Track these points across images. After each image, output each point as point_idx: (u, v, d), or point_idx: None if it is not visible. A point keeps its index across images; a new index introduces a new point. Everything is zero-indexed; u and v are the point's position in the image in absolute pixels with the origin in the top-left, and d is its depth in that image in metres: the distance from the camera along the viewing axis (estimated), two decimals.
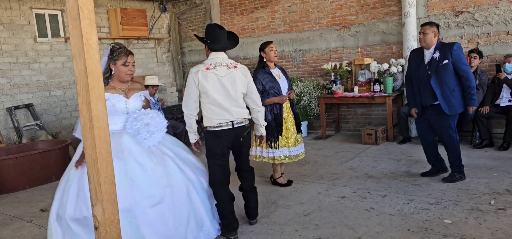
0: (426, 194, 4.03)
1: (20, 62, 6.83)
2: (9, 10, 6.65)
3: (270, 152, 4.38)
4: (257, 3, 8.24)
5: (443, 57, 4.10)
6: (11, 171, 5.31)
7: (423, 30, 4.19)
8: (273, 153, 4.38)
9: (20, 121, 6.71)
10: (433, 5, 6.39)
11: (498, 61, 5.89)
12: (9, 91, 6.71)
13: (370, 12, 7.00)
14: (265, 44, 4.42)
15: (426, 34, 4.15)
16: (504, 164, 4.83)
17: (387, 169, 4.98)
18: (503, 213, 3.44)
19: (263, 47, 4.43)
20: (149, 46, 8.88)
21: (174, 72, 9.47)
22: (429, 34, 4.14)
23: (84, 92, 1.73)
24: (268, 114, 4.25)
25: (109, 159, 1.82)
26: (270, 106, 4.30)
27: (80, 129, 3.02)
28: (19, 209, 4.64)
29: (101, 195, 1.82)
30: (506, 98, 5.64)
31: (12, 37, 6.71)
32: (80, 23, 1.66)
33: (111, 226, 1.86)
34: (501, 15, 5.89)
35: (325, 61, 7.48)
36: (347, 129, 7.57)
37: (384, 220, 3.50)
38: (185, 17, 9.39)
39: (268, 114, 4.26)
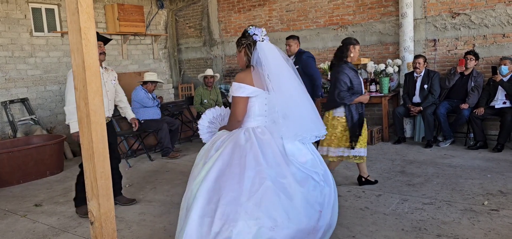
0: (420, 194, 4.05)
1: (16, 57, 6.79)
2: (5, 3, 6.60)
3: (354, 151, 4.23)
4: (254, 1, 8.24)
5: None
6: (5, 166, 5.28)
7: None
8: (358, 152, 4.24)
9: (15, 115, 6.68)
10: (430, 6, 6.42)
11: (494, 63, 5.93)
12: (4, 86, 6.67)
13: (367, 12, 7.02)
14: (355, 41, 4.22)
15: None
16: (498, 166, 4.87)
17: (381, 169, 5.00)
18: (496, 214, 3.47)
19: (353, 42, 4.18)
20: (146, 43, 8.86)
21: (171, 69, 9.45)
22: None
23: (82, 87, 1.73)
24: (355, 113, 4.14)
25: (105, 154, 1.82)
26: (356, 105, 4.16)
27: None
28: (13, 203, 4.62)
29: (97, 190, 1.81)
30: (501, 101, 5.68)
31: (8, 31, 6.67)
32: (78, 17, 1.66)
33: (106, 221, 1.86)
34: (497, 18, 5.93)
35: (322, 61, 7.49)
36: None
37: (378, 219, 3.52)
38: (182, 14, 9.37)
39: (355, 113, 4.14)
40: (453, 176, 4.57)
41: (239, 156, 2.37)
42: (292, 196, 2.29)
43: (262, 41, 2.55)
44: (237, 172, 2.31)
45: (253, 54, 2.54)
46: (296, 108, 2.49)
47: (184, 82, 9.53)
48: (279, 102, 2.47)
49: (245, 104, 2.52)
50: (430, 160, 5.29)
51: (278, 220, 2.19)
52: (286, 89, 2.48)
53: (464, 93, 5.96)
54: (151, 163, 6.15)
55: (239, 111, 2.52)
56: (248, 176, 2.28)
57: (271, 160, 2.36)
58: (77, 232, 3.69)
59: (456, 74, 5.97)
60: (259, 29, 2.58)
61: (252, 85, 2.50)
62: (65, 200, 4.58)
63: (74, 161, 6.48)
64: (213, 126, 2.89)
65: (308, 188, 2.36)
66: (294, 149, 2.46)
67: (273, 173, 2.32)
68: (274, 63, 2.49)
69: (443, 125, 5.95)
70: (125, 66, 8.39)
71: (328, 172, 2.59)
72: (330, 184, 2.54)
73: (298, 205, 2.28)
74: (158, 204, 4.26)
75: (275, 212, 2.20)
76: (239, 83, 2.50)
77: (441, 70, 6.42)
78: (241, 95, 2.50)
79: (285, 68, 2.54)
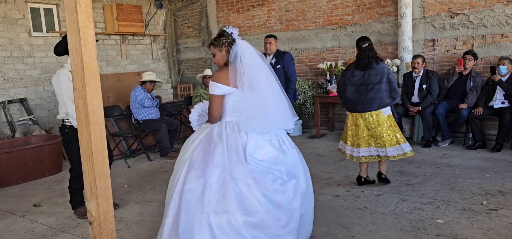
0: (419, 194, 4.06)
1: (14, 57, 6.78)
2: (4, 3, 6.59)
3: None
4: (253, 1, 8.24)
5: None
6: (4, 166, 5.27)
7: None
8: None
9: (13, 116, 6.66)
10: (428, 6, 6.42)
11: (493, 63, 5.94)
12: (3, 86, 6.66)
13: (366, 12, 7.03)
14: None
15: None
16: (496, 165, 4.88)
17: None
18: (495, 214, 3.48)
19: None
20: (144, 43, 8.85)
21: (169, 69, 9.44)
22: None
23: (80, 87, 1.73)
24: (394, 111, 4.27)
25: (104, 154, 1.82)
26: None
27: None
28: (11, 203, 4.61)
29: (96, 190, 1.81)
30: (500, 100, 5.69)
31: (7, 31, 6.66)
32: (77, 17, 1.65)
33: (105, 221, 1.86)
34: (496, 18, 5.94)
35: (321, 61, 7.50)
36: (341, 128, 7.59)
37: (377, 219, 3.53)
38: (181, 14, 9.36)
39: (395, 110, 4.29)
40: (452, 175, 4.58)
41: (208, 151, 2.60)
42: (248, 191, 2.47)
43: (239, 39, 2.75)
44: (203, 167, 2.53)
45: (232, 50, 2.71)
46: (267, 105, 2.67)
47: (183, 82, 9.52)
48: (251, 100, 2.64)
49: (220, 102, 2.71)
50: (429, 159, 5.30)
51: (236, 213, 2.40)
52: (260, 85, 2.65)
53: (462, 93, 5.97)
54: (150, 163, 6.14)
55: (214, 108, 2.72)
56: (215, 172, 2.49)
57: (234, 157, 2.55)
58: (76, 232, 3.69)
59: (454, 74, 5.97)
60: (235, 29, 2.77)
61: (228, 85, 2.67)
62: (63, 200, 4.57)
63: None
64: (202, 119, 3.07)
65: (264, 183, 2.53)
66: (255, 147, 2.62)
67: (234, 169, 2.51)
68: (251, 59, 2.68)
69: (442, 124, 5.96)
70: (124, 66, 8.38)
71: (298, 166, 2.74)
72: (299, 176, 2.69)
73: (254, 200, 2.45)
74: (157, 204, 4.25)
75: (233, 206, 2.41)
76: (215, 83, 2.68)
77: (440, 70, 6.42)
78: (216, 93, 2.68)
79: (261, 64, 2.72)
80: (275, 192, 2.54)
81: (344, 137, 4.37)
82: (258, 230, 2.42)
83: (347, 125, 4.31)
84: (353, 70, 4.19)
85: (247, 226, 2.40)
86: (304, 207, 2.70)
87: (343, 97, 4.26)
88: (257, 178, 2.51)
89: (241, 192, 2.45)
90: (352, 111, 4.22)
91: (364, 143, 4.16)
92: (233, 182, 2.46)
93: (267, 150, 2.62)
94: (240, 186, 2.46)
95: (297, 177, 2.67)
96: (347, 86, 4.19)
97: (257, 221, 2.42)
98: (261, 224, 2.43)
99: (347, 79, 4.20)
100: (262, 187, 2.50)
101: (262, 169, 2.56)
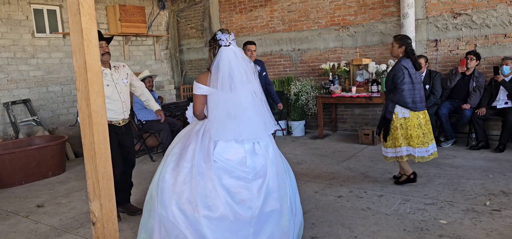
0: (422, 194, 4.05)
1: (18, 58, 6.81)
2: (7, 4, 6.62)
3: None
4: (256, 2, 8.24)
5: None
6: (7, 166, 5.29)
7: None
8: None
9: (17, 116, 6.69)
10: (431, 7, 6.41)
11: (496, 63, 5.92)
12: (6, 87, 6.69)
13: (369, 13, 7.02)
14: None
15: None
16: (499, 166, 4.86)
17: (383, 169, 5.00)
18: (498, 214, 3.47)
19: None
20: (147, 43, 8.87)
21: (172, 70, 9.46)
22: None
23: (84, 87, 1.74)
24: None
25: (107, 155, 1.83)
26: None
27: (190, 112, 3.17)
28: (15, 204, 4.63)
29: (99, 191, 1.82)
30: (503, 101, 5.67)
31: (10, 32, 6.69)
32: (80, 18, 1.66)
33: (108, 222, 1.87)
34: (499, 18, 5.92)
35: (324, 61, 7.50)
36: (344, 128, 7.59)
37: (380, 219, 3.52)
38: (184, 15, 9.38)
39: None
40: (455, 176, 4.56)
41: (185, 146, 2.85)
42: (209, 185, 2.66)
43: (228, 46, 2.87)
44: (176, 161, 2.80)
45: (215, 58, 2.85)
46: (243, 112, 2.80)
47: (185, 83, 9.53)
48: (224, 102, 2.80)
49: (202, 101, 2.89)
50: (432, 160, 5.27)
51: (198, 203, 2.62)
52: (235, 94, 2.79)
53: (466, 93, 5.95)
54: (152, 163, 6.15)
55: (196, 106, 2.92)
56: (186, 166, 2.73)
57: (204, 154, 2.75)
58: (79, 232, 3.70)
59: (457, 75, 5.96)
60: (226, 35, 2.89)
61: (206, 85, 2.85)
62: (67, 201, 4.59)
63: (76, 162, 6.50)
64: None
65: (229, 181, 2.70)
66: (225, 146, 2.77)
67: (201, 165, 2.72)
68: (229, 69, 2.80)
69: (445, 125, 5.94)
70: None
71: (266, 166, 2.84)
72: (265, 176, 2.81)
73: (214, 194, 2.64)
74: None
75: (194, 197, 2.63)
76: (197, 83, 2.88)
77: (442, 70, 6.41)
78: (198, 93, 2.88)
79: (238, 74, 2.81)
80: (239, 187, 2.70)
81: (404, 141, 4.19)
82: (218, 223, 2.61)
83: (404, 128, 4.16)
84: (411, 67, 4.15)
85: (207, 219, 2.60)
86: (272, 205, 2.80)
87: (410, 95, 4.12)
88: (220, 175, 2.69)
89: (205, 187, 2.65)
90: (415, 111, 4.14)
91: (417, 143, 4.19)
92: (199, 177, 2.67)
93: (235, 151, 2.78)
94: (205, 181, 2.66)
95: (263, 176, 2.80)
96: (413, 84, 4.13)
97: (217, 215, 2.62)
98: (221, 218, 2.62)
99: (410, 76, 4.11)
100: (226, 184, 2.68)
101: (227, 168, 2.73)
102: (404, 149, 4.19)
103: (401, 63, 4.13)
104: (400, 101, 4.12)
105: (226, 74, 2.78)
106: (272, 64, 8.25)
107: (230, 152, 2.76)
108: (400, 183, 4.39)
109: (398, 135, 4.17)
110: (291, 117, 7.65)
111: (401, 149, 4.19)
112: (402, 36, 4.27)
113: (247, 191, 2.71)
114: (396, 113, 4.17)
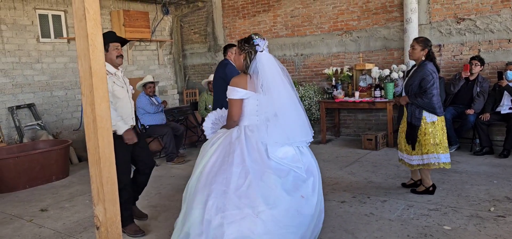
0: (426, 200, 4.03)
1: (23, 62, 6.86)
2: (13, 10, 6.68)
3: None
4: (259, 7, 8.27)
5: None
6: (12, 170, 5.32)
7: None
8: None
9: (21, 121, 6.73)
10: (435, 12, 6.41)
11: (500, 68, 5.91)
12: (11, 91, 6.73)
13: (372, 18, 7.03)
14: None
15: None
16: (504, 171, 4.84)
17: (386, 174, 4.99)
18: (502, 220, 3.45)
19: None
20: (151, 48, 8.91)
21: (176, 75, 9.49)
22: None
23: (88, 92, 1.75)
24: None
25: (111, 160, 1.83)
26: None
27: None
28: (19, 208, 4.65)
29: (103, 195, 1.82)
30: (507, 106, 5.65)
31: (15, 37, 6.74)
32: (85, 24, 1.67)
33: (112, 226, 1.87)
34: (503, 23, 5.91)
35: (327, 66, 7.50)
36: (347, 133, 7.58)
37: (383, 225, 3.51)
38: (187, 20, 9.42)
39: None
40: (459, 182, 4.55)
41: (229, 153, 2.71)
42: (271, 185, 2.60)
43: (262, 52, 2.80)
44: (225, 169, 2.66)
45: (252, 63, 2.79)
46: (285, 113, 2.76)
47: (189, 87, 9.56)
48: (270, 104, 2.75)
49: (240, 106, 2.80)
50: None
51: (260, 207, 2.52)
52: (278, 96, 2.75)
53: (469, 98, 5.94)
54: (156, 168, 6.15)
55: (234, 112, 2.81)
56: (235, 172, 2.61)
57: (255, 156, 2.67)
58: (82, 237, 3.71)
59: (460, 80, 5.94)
60: (262, 41, 2.82)
61: (245, 89, 2.77)
62: (70, 205, 4.60)
63: (79, 166, 6.52)
64: (216, 126, 3.16)
65: (287, 178, 2.67)
66: (274, 148, 2.75)
67: (256, 166, 2.64)
68: (271, 73, 2.77)
69: (449, 130, 5.92)
70: (130, 72, 8.44)
71: (313, 164, 2.88)
72: (315, 174, 2.84)
73: (277, 193, 2.58)
74: (162, 209, 4.26)
75: (256, 201, 2.53)
76: (233, 87, 2.78)
77: (446, 75, 6.40)
78: (235, 97, 2.78)
79: (280, 79, 2.80)
80: (297, 186, 2.68)
81: (433, 147, 4.01)
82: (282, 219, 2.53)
83: (433, 133, 4.01)
84: (435, 71, 4.02)
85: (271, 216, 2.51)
86: (321, 203, 2.86)
87: (438, 100, 4.00)
88: (280, 174, 2.65)
89: (265, 186, 2.57)
90: (440, 115, 4.01)
91: (437, 150, 4.06)
92: (257, 178, 2.58)
93: (286, 149, 2.75)
94: (264, 181, 2.58)
95: (314, 175, 2.81)
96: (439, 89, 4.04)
97: (282, 211, 2.54)
98: (285, 213, 2.54)
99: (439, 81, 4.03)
100: (285, 183, 2.63)
101: (283, 166, 2.70)
102: (433, 156, 4.00)
103: (429, 67, 3.94)
104: (429, 106, 3.92)
105: (269, 78, 2.74)
106: None
107: (281, 151, 2.73)
108: (417, 192, 4.20)
109: (428, 141, 4.00)
110: None
111: (429, 156, 4.01)
112: (424, 38, 4.07)
113: (304, 189, 2.71)
114: (424, 118, 3.99)
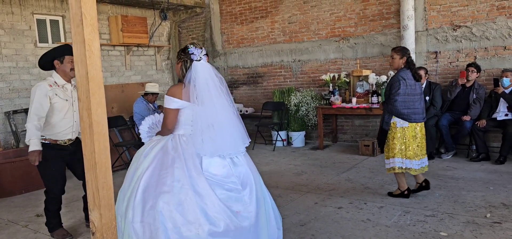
0: (423, 206, 4.04)
1: (20, 67, 6.84)
2: (11, 15, 6.68)
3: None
4: (257, 13, 8.30)
5: None
6: (8, 175, 5.29)
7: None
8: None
9: (18, 125, 6.71)
10: (431, 19, 6.45)
11: (496, 75, 5.94)
12: (8, 96, 6.71)
13: (369, 25, 7.06)
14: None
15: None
16: (500, 178, 4.85)
17: (383, 181, 4.99)
18: (498, 227, 3.45)
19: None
20: (149, 54, 8.92)
21: (173, 80, 9.49)
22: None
23: (85, 98, 1.75)
24: None
25: (107, 165, 1.83)
26: None
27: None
28: (14, 213, 4.62)
29: (98, 201, 1.82)
30: (503, 113, 5.68)
31: (13, 42, 6.74)
32: (83, 29, 1.68)
33: (108, 231, 1.87)
34: (499, 30, 5.95)
35: (324, 72, 7.52)
36: (344, 139, 7.59)
37: (380, 231, 3.51)
38: (185, 26, 9.44)
39: None
40: (455, 188, 4.56)
41: (167, 165, 2.68)
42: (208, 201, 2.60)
43: (199, 61, 2.79)
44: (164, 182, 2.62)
45: (187, 73, 2.77)
46: (218, 124, 2.74)
47: None
48: (203, 114, 2.73)
49: (175, 115, 2.79)
50: (432, 172, 5.27)
51: (201, 221, 2.53)
52: (211, 107, 2.74)
53: (466, 105, 5.96)
54: None
55: (169, 121, 2.80)
56: (175, 186, 2.59)
57: (193, 172, 2.66)
58: None
59: (457, 86, 5.97)
60: (198, 50, 2.82)
61: (181, 99, 2.76)
62: (66, 211, 4.58)
63: None
64: (152, 131, 3.19)
65: (223, 194, 2.67)
66: (209, 161, 2.73)
67: (194, 182, 2.63)
68: (205, 83, 2.75)
69: (445, 137, 5.95)
70: (128, 77, 8.44)
71: (249, 173, 2.84)
72: (251, 183, 2.81)
73: (214, 208, 2.58)
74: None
75: (196, 216, 2.54)
76: (170, 97, 2.76)
77: (442, 82, 6.43)
78: (171, 107, 2.77)
79: (214, 88, 2.78)
80: (232, 199, 2.68)
81: (399, 152, 4.14)
82: (223, 237, 2.56)
83: (401, 139, 4.12)
84: (410, 79, 4.12)
85: (212, 235, 2.52)
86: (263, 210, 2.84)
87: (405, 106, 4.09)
88: (214, 188, 2.65)
89: (205, 203, 2.57)
90: (411, 122, 4.11)
91: (416, 155, 4.19)
92: (196, 195, 2.58)
93: (219, 164, 2.75)
94: (203, 198, 2.58)
95: (250, 184, 2.80)
96: (411, 95, 4.11)
97: (221, 229, 2.56)
98: (226, 231, 2.57)
99: (407, 87, 4.09)
100: (221, 197, 2.64)
101: (217, 182, 2.70)
102: (398, 160, 4.15)
103: (400, 74, 4.13)
104: (393, 111, 4.09)
105: (204, 88, 2.72)
106: (273, 75, 8.29)
107: (215, 166, 2.73)
108: (392, 195, 4.37)
109: (394, 145, 4.15)
110: (291, 128, 7.66)
111: (394, 160, 4.16)
112: (401, 47, 4.27)
113: (240, 202, 2.70)
114: (394, 123, 4.15)
